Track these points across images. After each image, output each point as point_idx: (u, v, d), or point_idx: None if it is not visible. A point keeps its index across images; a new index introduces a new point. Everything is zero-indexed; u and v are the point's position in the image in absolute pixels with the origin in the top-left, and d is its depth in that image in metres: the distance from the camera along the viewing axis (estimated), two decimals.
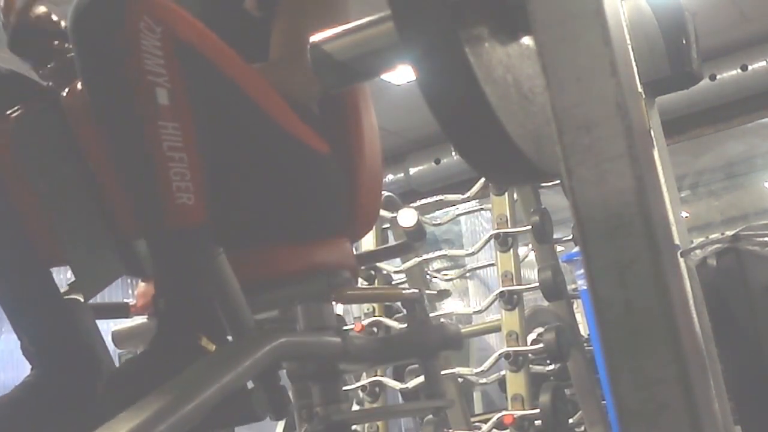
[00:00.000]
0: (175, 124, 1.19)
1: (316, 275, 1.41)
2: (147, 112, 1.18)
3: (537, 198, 3.43)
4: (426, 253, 3.87)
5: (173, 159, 1.18)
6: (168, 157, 1.18)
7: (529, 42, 0.93)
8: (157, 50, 1.19)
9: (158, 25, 1.19)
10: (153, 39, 1.19)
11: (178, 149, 1.19)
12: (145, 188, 1.20)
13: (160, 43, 1.19)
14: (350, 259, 1.52)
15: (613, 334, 0.74)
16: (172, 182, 1.18)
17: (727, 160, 10.23)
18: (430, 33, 0.82)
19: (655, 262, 0.73)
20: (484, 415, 4.23)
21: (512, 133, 0.85)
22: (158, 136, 1.18)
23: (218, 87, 1.28)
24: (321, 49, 0.95)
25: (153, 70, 1.18)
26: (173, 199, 1.18)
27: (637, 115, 0.78)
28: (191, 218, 1.20)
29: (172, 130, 1.19)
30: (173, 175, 1.18)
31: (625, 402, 0.73)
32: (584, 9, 0.76)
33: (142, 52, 1.18)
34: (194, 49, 1.24)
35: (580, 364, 3.48)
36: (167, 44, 1.20)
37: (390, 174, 8.38)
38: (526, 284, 3.37)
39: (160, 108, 1.18)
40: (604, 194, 0.75)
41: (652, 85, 2.99)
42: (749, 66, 7.28)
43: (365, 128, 1.57)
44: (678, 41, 2.99)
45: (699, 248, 2.86)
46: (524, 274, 3.53)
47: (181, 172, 1.18)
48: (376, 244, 3.58)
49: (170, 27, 1.21)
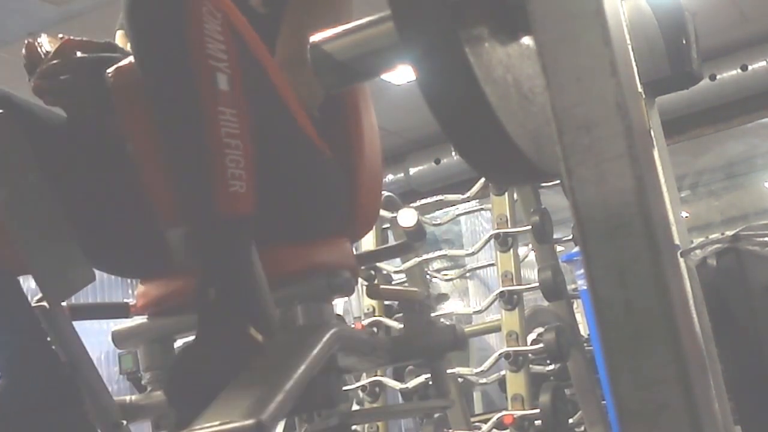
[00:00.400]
0: (233, 111, 1.18)
1: (316, 275, 1.41)
2: (208, 96, 1.17)
3: (537, 198, 3.43)
4: (426, 253, 3.87)
5: (230, 146, 1.17)
6: (225, 144, 1.17)
7: (529, 42, 0.93)
8: (219, 35, 1.18)
9: (218, 11, 1.19)
10: (215, 24, 1.18)
11: (234, 136, 1.18)
12: (199, 174, 1.18)
13: (221, 29, 1.18)
14: (350, 259, 1.52)
15: (613, 334, 0.74)
16: (227, 169, 1.17)
17: (727, 160, 10.23)
18: (430, 33, 0.82)
19: (655, 262, 0.73)
20: (484, 415, 4.23)
21: (512, 133, 0.85)
22: (217, 121, 1.17)
23: (258, 79, 1.27)
24: (321, 49, 0.95)
25: (215, 55, 1.17)
26: (227, 187, 1.17)
27: (637, 115, 0.78)
28: (243, 207, 1.19)
29: (230, 117, 1.18)
30: (229, 162, 1.17)
31: (625, 402, 0.73)
32: (584, 9, 0.76)
33: (204, 36, 1.17)
34: (243, 38, 1.24)
35: (580, 364, 3.48)
36: (227, 30, 1.19)
37: (390, 174, 8.38)
38: (526, 284, 3.38)
39: (220, 93, 1.17)
40: (604, 194, 0.75)
41: (652, 85, 2.99)
42: (749, 66, 7.28)
43: (365, 128, 1.57)
44: (678, 41, 2.99)
45: (699, 248, 2.86)
46: (524, 274, 3.53)
47: (236, 159, 1.17)
48: (376, 244, 3.58)
49: (227, 14, 1.21)
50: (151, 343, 1.44)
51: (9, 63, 5.90)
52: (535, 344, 3.28)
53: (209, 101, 1.17)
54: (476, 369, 3.38)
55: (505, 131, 0.85)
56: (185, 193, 1.21)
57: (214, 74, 1.17)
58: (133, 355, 4.27)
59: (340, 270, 1.45)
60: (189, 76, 1.17)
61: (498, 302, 3.32)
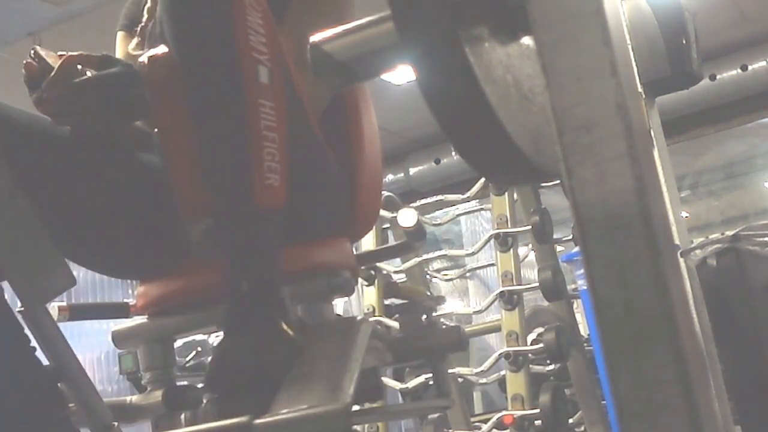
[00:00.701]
0: (272, 104, 1.18)
1: (316, 275, 1.40)
2: (251, 88, 1.17)
3: (537, 198, 3.43)
4: (426, 253, 3.87)
5: (268, 138, 1.17)
6: (264, 136, 1.17)
7: (529, 42, 0.93)
8: (261, 28, 1.18)
9: (259, 5, 1.19)
10: (257, 16, 1.18)
11: (272, 129, 1.18)
12: (237, 166, 1.18)
13: (262, 21, 1.19)
14: (350, 259, 1.52)
15: (613, 334, 0.74)
16: (264, 162, 1.17)
17: (727, 160, 10.23)
18: (430, 33, 0.82)
19: (655, 262, 0.73)
20: (484, 415, 4.23)
21: (512, 133, 0.85)
22: (258, 114, 1.17)
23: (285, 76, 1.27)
24: (321, 49, 0.96)
25: (257, 48, 1.17)
26: (263, 179, 1.17)
27: (637, 115, 0.78)
28: (277, 200, 1.19)
29: (269, 110, 1.17)
30: (266, 155, 1.17)
31: (625, 402, 0.73)
32: (584, 9, 0.76)
33: (248, 28, 1.17)
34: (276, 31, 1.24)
35: (580, 364, 3.48)
36: (267, 23, 1.20)
37: (390, 174, 8.38)
38: (526, 284, 3.38)
39: (261, 86, 1.17)
40: (604, 194, 0.75)
41: (652, 85, 2.99)
42: (749, 66, 7.29)
43: (365, 128, 1.57)
44: (678, 41, 2.99)
45: (699, 248, 2.86)
46: (524, 274, 3.53)
47: (272, 152, 1.18)
48: (376, 244, 3.58)
49: (266, 7, 1.21)
50: (151, 343, 1.44)
51: (9, 63, 5.91)
52: (535, 344, 3.28)
53: (252, 93, 1.17)
54: (476, 369, 3.39)
55: (505, 131, 0.85)
56: (219, 186, 1.21)
57: (257, 67, 1.17)
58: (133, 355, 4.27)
59: (340, 270, 1.45)
60: (233, 68, 1.17)
61: (498, 302, 3.33)
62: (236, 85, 1.17)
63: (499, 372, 3.35)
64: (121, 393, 5.62)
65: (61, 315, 1.57)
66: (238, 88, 1.17)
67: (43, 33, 5.46)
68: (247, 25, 1.17)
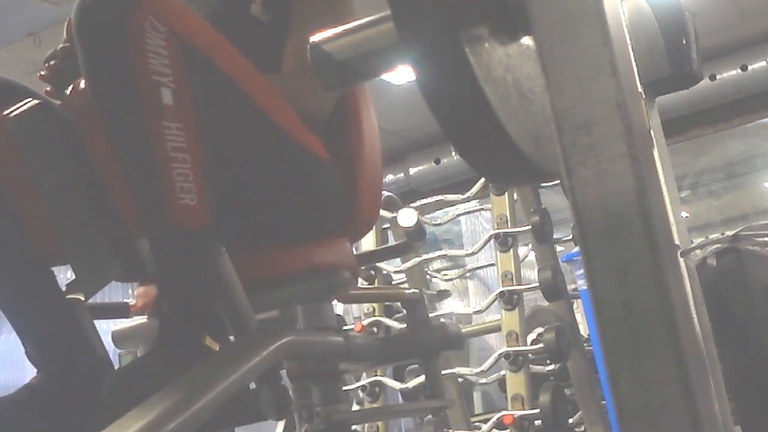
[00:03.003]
0: (179, 125, 1.19)
1: (316, 275, 1.41)
2: (151, 111, 1.18)
3: (537, 198, 3.43)
4: (426, 253, 3.87)
5: (176, 159, 1.18)
6: (171, 158, 1.18)
7: (529, 42, 0.93)
8: (162, 50, 1.18)
9: (163, 25, 1.19)
10: (158, 39, 1.18)
11: (181, 150, 1.18)
12: (149, 188, 1.20)
13: (165, 43, 1.19)
14: (350, 259, 1.52)
15: (613, 334, 0.74)
16: (175, 183, 1.18)
17: (727, 160, 10.23)
18: (430, 33, 0.82)
19: (655, 262, 0.73)
20: (484, 415, 4.23)
21: (512, 133, 0.85)
22: (162, 136, 1.17)
23: (220, 88, 1.28)
24: (321, 49, 0.95)
25: (158, 70, 1.18)
26: (176, 200, 1.18)
27: (637, 115, 0.78)
28: (194, 219, 1.19)
29: (175, 131, 1.18)
30: (176, 176, 1.18)
31: (625, 402, 0.73)
32: (584, 9, 0.76)
33: (147, 52, 1.17)
34: (198, 49, 1.24)
35: (580, 364, 3.48)
36: (172, 44, 1.19)
37: (390, 174, 8.38)
38: (526, 284, 3.37)
39: (164, 108, 1.18)
40: (604, 194, 0.75)
41: (652, 85, 2.99)
42: (749, 66, 7.29)
43: (365, 128, 1.57)
44: (678, 41, 2.99)
45: (699, 248, 2.86)
46: (524, 274, 3.53)
47: (184, 173, 1.18)
48: (376, 244, 3.58)
49: (174, 27, 1.21)
50: (151, 343, 1.44)
51: (9, 63, 5.91)
52: (535, 344, 3.27)
53: (153, 116, 1.18)
54: (476, 369, 3.38)
55: (505, 131, 0.85)
56: (140, 208, 1.23)
57: (158, 89, 1.18)
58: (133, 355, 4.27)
59: (340, 270, 1.45)
60: (132, 93, 1.18)
61: (498, 302, 3.32)
62: (137, 109, 1.18)
63: (499, 372, 3.35)
64: None
65: None
66: (138, 112, 1.18)
67: (43, 33, 5.46)
68: (146, 49, 1.17)
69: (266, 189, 1.36)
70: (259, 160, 1.34)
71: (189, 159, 1.19)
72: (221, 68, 1.28)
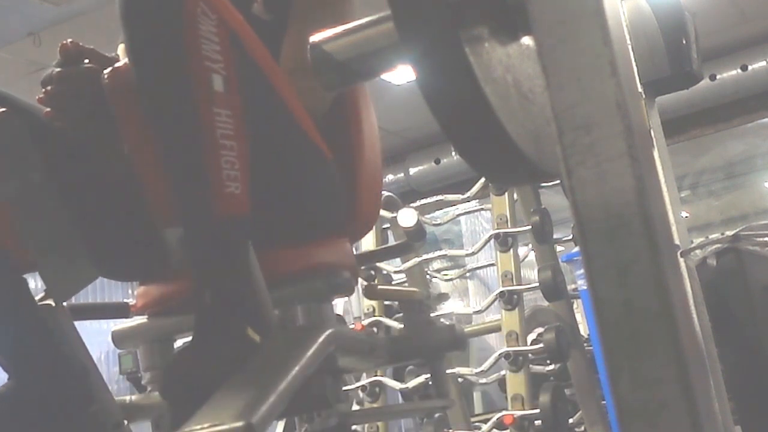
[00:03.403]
0: (228, 112, 1.18)
1: (316, 275, 1.41)
2: (203, 97, 1.17)
3: (537, 198, 3.43)
4: (426, 253, 3.87)
5: (225, 147, 1.18)
6: (220, 145, 1.17)
7: (529, 42, 0.93)
8: (214, 36, 1.18)
9: (213, 12, 1.19)
10: (209, 25, 1.18)
11: (229, 137, 1.18)
12: (195, 175, 1.19)
13: (216, 30, 1.19)
14: (350, 259, 1.52)
15: (613, 334, 0.74)
16: (223, 170, 1.17)
17: (727, 160, 10.23)
18: (430, 33, 0.82)
19: (655, 262, 0.73)
20: (484, 415, 4.23)
21: (512, 133, 0.85)
22: (212, 122, 1.17)
23: (256, 80, 1.28)
24: (321, 49, 0.95)
25: (210, 56, 1.18)
26: (223, 188, 1.17)
27: (637, 115, 0.78)
28: (238, 207, 1.19)
29: (225, 118, 1.18)
30: (224, 163, 1.17)
31: (625, 402, 0.73)
32: (584, 9, 0.76)
33: (200, 37, 1.17)
34: (239, 40, 1.24)
35: (580, 364, 3.48)
36: (222, 31, 1.20)
37: (390, 174, 8.38)
38: (526, 284, 3.38)
39: (215, 94, 1.17)
40: (604, 194, 0.75)
41: (652, 85, 2.99)
42: (749, 66, 7.29)
43: (365, 128, 1.57)
44: (678, 41, 2.99)
45: (699, 248, 2.86)
46: (524, 274, 3.53)
47: (231, 160, 1.18)
48: (376, 244, 3.58)
49: (222, 15, 1.21)
50: (151, 343, 1.44)
51: (9, 63, 5.91)
52: (535, 344, 3.28)
53: (205, 103, 1.17)
54: (476, 369, 3.38)
55: (505, 131, 0.85)
56: (181, 195, 1.21)
57: (210, 75, 1.17)
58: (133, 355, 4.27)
59: (340, 270, 1.45)
60: (185, 78, 1.17)
61: (498, 302, 3.32)
62: (189, 95, 1.17)
63: (499, 372, 3.35)
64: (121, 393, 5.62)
65: None
66: (190, 97, 1.17)
67: (43, 33, 5.46)
68: (199, 35, 1.17)
69: (277, 187, 1.36)
70: (276, 158, 1.34)
71: (235, 147, 1.18)
72: (257, 61, 1.28)
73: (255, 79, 1.28)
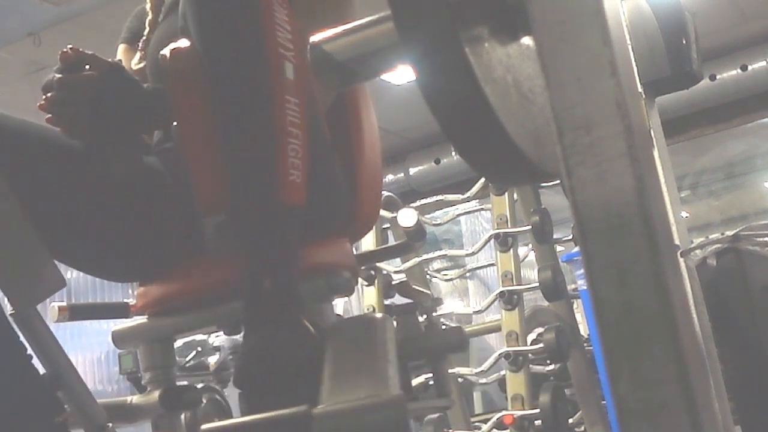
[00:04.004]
0: (297, 100, 1.18)
1: (316, 275, 1.41)
2: (277, 84, 1.17)
3: (537, 198, 3.43)
4: (426, 253, 3.87)
5: (292, 135, 1.18)
6: (289, 132, 1.17)
7: (529, 42, 0.93)
8: (287, 24, 1.19)
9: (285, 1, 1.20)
10: (283, 13, 1.19)
11: (297, 125, 1.18)
12: (262, 162, 1.18)
13: (288, 18, 1.19)
14: (350, 259, 1.52)
15: (613, 334, 0.74)
16: (289, 158, 1.17)
17: (727, 160, 10.24)
18: (430, 33, 0.82)
19: (655, 262, 0.73)
20: (484, 415, 4.23)
21: (512, 133, 0.85)
22: (284, 109, 1.17)
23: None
24: (321, 49, 0.95)
25: (283, 44, 1.18)
26: (287, 176, 1.17)
27: (637, 115, 0.78)
28: (299, 197, 1.19)
29: (294, 106, 1.18)
30: (290, 151, 1.17)
31: (625, 402, 0.73)
32: (584, 9, 0.76)
33: (275, 24, 1.17)
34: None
35: (580, 364, 3.48)
36: (293, 20, 1.20)
37: (390, 174, 8.39)
38: (526, 284, 3.38)
39: (287, 82, 1.18)
40: (604, 194, 0.75)
41: (652, 85, 2.99)
42: (749, 66, 7.30)
43: (365, 128, 1.57)
44: (678, 41, 2.99)
45: (699, 248, 2.86)
46: (524, 274, 3.53)
47: (296, 149, 1.18)
48: (376, 244, 3.58)
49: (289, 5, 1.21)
50: (151, 343, 1.44)
51: (9, 63, 5.91)
52: (535, 344, 3.28)
53: (279, 89, 1.17)
54: (476, 369, 3.39)
55: (505, 131, 0.85)
56: (242, 181, 1.20)
57: (283, 63, 1.18)
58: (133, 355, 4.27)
59: (340, 270, 1.45)
60: (261, 63, 1.17)
61: (498, 302, 3.33)
62: (264, 80, 1.17)
63: (499, 372, 3.35)
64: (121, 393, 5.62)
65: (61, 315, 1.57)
66: (265, 83, 1.17)
67: (43, 33, 5.46)
68: (275, 21, 1.18)
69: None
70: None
71: (300, 136, 1.18)
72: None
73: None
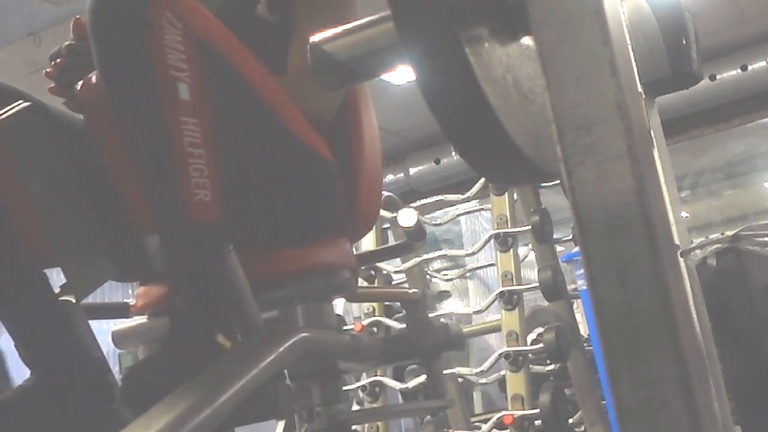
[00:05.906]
0: (195, 120, 1.19)
1: (316, 275, 1.41)
2: (169, 106, 1.18)
3: (537, 198, 3.43)
4: (426, 253, 3.87)
5: (192, 155, 1.18)
6: (188, 153, 1.18)
7: (529, 42, 0.93)
8: (179, 45, 1.19)
9: (179, 21, 1.20)
10: (175, 34, 1.19)
11: (197, 145, 1.19)
12: (164, 183, 1.20)
13: (181, 38, 1.19)
14: (350, 259, 1.52)
15: (613, 334, 0.74)
16: (191, 178, 1.18)
17: (727, 160, 10.23)
18: (430, 33, 0.82)
19: (655, 262, 0.73)
20: (484, 415, 4.23)
21: (512, 133, 0.85)
22: (179, 131, 1.18)
23: (231, 86, 1.28)
24: (321, 49, 0.95)
25: (175, 65, 1.18)
26: (191, 195, 1.18)
27: (637, 115, 0.78)
28: (208, 215, 1.19)
29: (192, 126, 1.18)
30: (192, 171, 1.18)
31: (625, 402, 0.73)
32: (584, 9, 0.76)
33: (165, 47, 1.18)
34: (211, 46, 1.24)
35: (580, 364, 3.48)
36: (188, 40, 1.20)
37: (390, 174, 8.38)
38: (526, 284, 3.37)
39: (181, 103, 1.18)
40: (604, 194, 0.75)
41: (652, 85, 2.99)
42: (749, 66, 7.29)
43: (365, 128, 1.57)
44: (678, 41, 2.99)
45: (699, 248, 2.86)
46: (524, 274, 3.53)
47: (199, 168, 1.18)
48: (376, 244, 3.58)
49: (190, 23, 1.21)
50: (151, 343, 1.44)
51: (9, 63, 5.90)
52: (535, 344, 3.27)
53: (171, 111, 1.18)
54: (476, 369, 3.38)
55: (505, 131, 0.85)
56: (153, 203, 1.22)
57: (175, 84, 1.18)
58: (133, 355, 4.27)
59: (340, 270, 1.45)
60: (150, 87, 1.18)
61: (498, 302, 3.32)
62: (155, 103, 1.18)
63: (499, 372, 3.35)
64: None
65: None
66: (156, 106, 1.18)
67: (43, 33, 5.46)
68: (164, 44, 1.18)
69: (271, 189, 1.36)
70: (266, 160, 1.34)
71: (204, 155, 1.19)
72: (233, 66, 1.28)
73: (234, 85, 1.28)
